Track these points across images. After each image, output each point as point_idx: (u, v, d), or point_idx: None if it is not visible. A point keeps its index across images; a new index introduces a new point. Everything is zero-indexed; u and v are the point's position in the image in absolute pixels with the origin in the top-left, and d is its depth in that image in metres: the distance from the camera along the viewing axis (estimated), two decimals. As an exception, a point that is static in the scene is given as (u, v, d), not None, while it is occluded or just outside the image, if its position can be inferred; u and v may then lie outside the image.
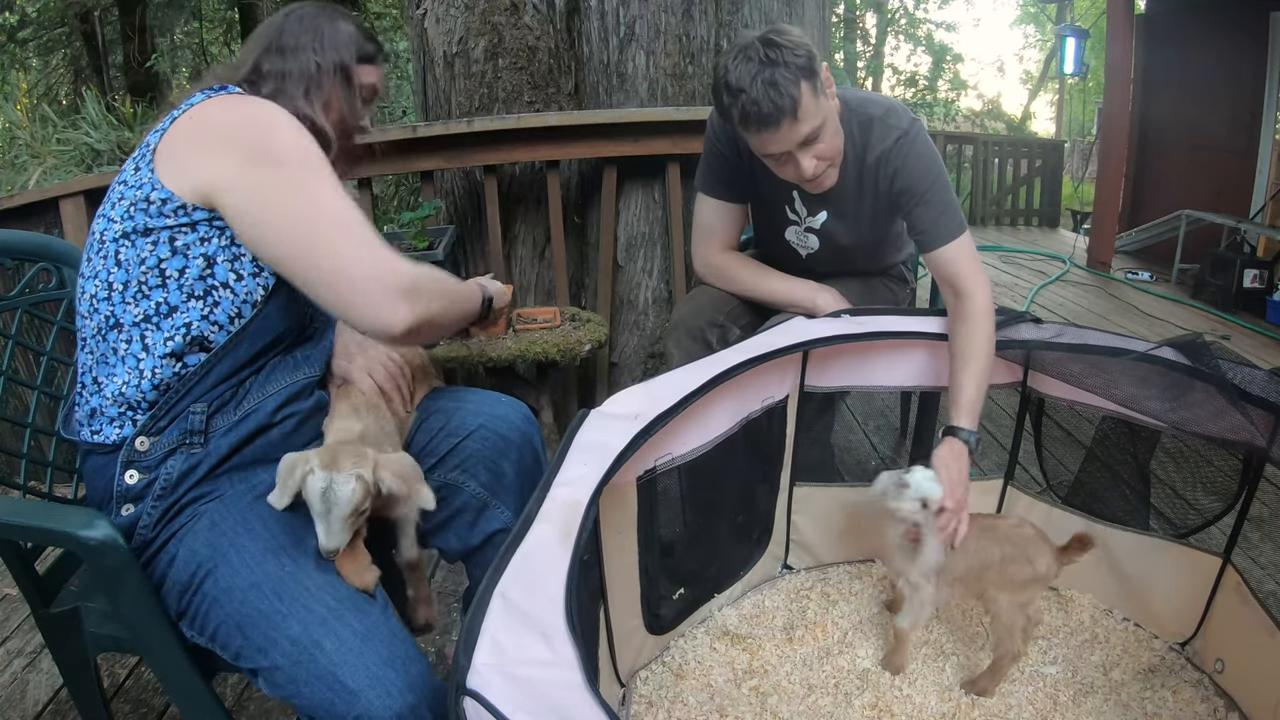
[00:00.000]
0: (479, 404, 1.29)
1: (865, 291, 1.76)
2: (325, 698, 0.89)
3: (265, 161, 0.98)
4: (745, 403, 1.46)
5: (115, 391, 1.00)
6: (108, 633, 1.09)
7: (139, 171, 1.01)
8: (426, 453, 1.23)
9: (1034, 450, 1.66)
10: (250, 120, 1.01)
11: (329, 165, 1.03)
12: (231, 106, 1.04)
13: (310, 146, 1.02)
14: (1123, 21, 5.71)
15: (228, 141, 0.99)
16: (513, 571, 0.82)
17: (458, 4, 2.51)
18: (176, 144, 1.00)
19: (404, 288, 0.99)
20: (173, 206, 0.98)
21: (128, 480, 0.99)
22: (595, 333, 2.25)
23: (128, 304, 1.00)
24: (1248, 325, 4.31)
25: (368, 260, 0.98)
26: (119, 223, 1.00)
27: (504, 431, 1.25)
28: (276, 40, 1.15)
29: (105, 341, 1.02)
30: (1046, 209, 8.48)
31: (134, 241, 1.00)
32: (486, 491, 1.22)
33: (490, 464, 1.23)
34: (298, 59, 1.14)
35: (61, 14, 8.29)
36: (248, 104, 1.04)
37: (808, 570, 1.70)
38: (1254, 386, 1.23)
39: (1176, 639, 1.46)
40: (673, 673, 1.42)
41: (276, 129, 1.00)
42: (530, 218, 2.68)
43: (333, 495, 0.95)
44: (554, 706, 0.67)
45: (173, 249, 0.99)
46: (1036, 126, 19.08)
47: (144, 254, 0.99)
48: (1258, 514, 1.84)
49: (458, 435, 1.24)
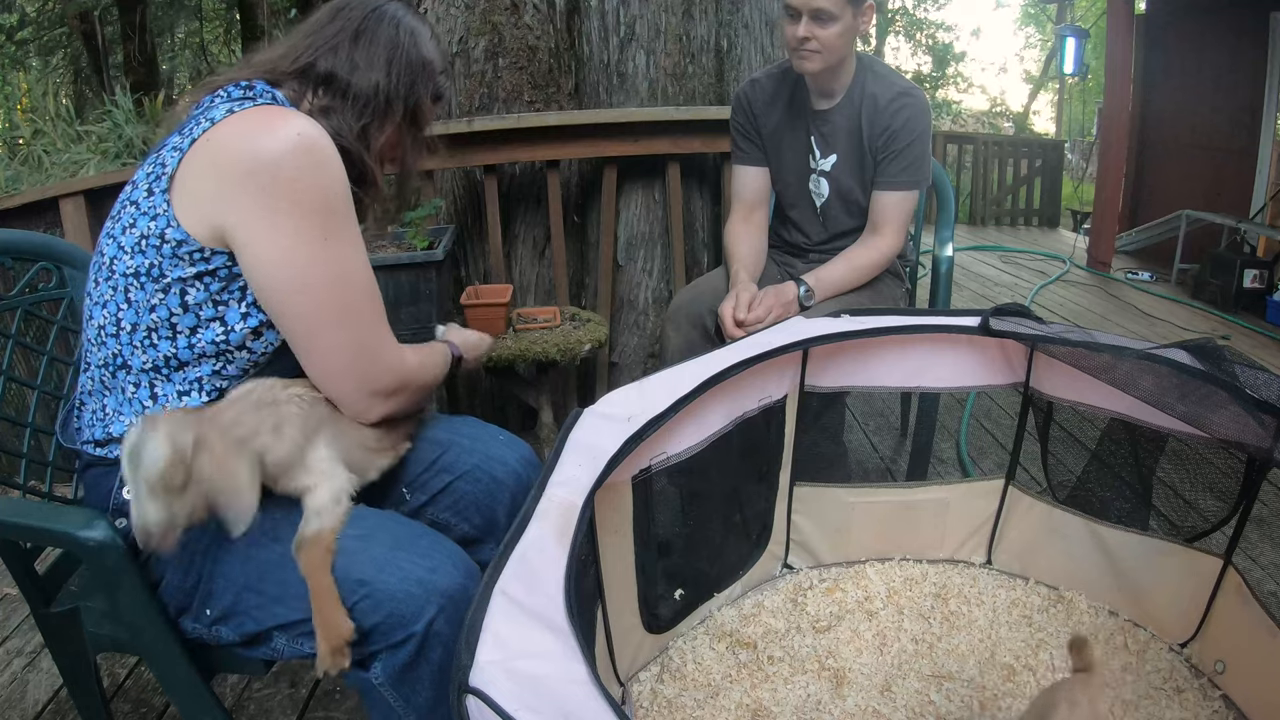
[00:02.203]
0: (475, 440, 1.22)
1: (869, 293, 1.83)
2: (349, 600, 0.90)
3: (289, 213, 0.88)
4: (742, 402, 1.46)
5: (121, 431, 0.97)
6: (107, 633, 1.09)
7: (153, 196, 0.92)
8: (417, 487, 1.18)
9: (1038, 453, 1.66)
10: (277, 160, 0.87)
11: (354, 218, 0.94)
12: (257, 130, 0.89)
13: (342, 199, 0.91)
14: (1123, 21, 5.71)
15: (248, 181, 0.87)
16: (511, 569, 0.82)
17: (458, 3, 2.51)
18: (195, 176, 0.90)
19: (384, 391, 1.00)
20: (188, 250, 0.90)
21: (125, 495, 0.96)
22: (595, 332, 2.25)
23: (136, 348, 0.95)
24: (1248, 325, 4.30)
25: (359, 359, 0.97)
26: (129, 255, 0.92)
27: (499, 475, 1.19)
28: (349, 40, 0.97)
29: (114, 378, 0.97)
30: (1046, 209, 8.47)
31: (143, 285, 0.92)
32: (477, 534, 1.19)
33: (484, 508, 1.18)
34: (368, 76, 0.97)
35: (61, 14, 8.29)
36: (278, 131, 0.88)
37: (808, 570, 1.70)
38: (1263, 390, 1.22)
39: (1177, 640, 1.46)
40: (672, 673, 1.42)
41: (306, 175, 0.88)
42: (530, 217, 2.67)
43: (138, 454, 0.84)
44: (558, 703, 0.67)
45: (184, 305, 0.93)
46: (1037, 126, 19.08)
47: (154, 300, 0.93)
48: (1258, 514, 1.83)
49: (451, 473, 1.18)
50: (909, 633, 1.51)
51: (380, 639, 0.93)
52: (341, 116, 0.97)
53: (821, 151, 1.82)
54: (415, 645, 0.92)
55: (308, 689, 1.55)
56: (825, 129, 1.80)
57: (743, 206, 1.92)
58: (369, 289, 0.98)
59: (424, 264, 2.08)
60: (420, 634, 0.92)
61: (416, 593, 0.92)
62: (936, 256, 2.09)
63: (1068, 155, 10.13)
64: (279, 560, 0.93)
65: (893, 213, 1.76)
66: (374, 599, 0.91)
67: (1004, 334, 1.48)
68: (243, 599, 0.95)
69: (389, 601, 0.91)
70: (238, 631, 0.97)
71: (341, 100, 0.98)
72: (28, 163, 5.44)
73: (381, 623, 0.92)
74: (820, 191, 1.86)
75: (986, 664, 1.43)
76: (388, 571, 0.93)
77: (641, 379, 1.27)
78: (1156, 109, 6.77)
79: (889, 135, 1.72)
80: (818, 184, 1.86)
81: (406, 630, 0.92)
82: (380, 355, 1.00)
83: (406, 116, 1.02)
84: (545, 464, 1.02)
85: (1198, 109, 6.17)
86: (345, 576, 0.92)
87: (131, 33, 7.96)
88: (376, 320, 0.99)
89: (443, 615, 0.92)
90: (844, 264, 1.78)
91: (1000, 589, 1.63)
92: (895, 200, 1.76)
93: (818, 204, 1.88)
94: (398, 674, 0.94)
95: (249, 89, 0.96)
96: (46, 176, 4.94)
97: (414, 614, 0.91)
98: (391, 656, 0.93)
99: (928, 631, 1.52)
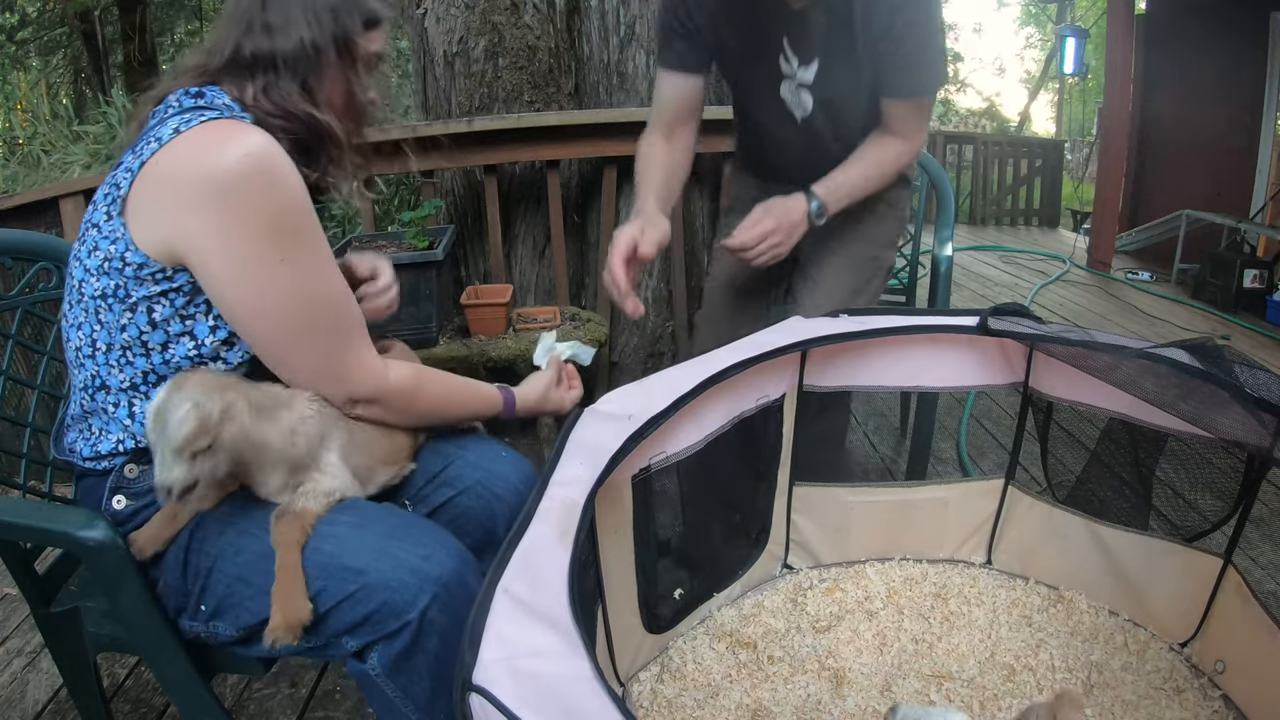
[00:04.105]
0: (479, 455, 1.21)
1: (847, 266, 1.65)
2: (342, 588, 0.91)
3: (242, 236, 0.87)
4: (740, 402, 1.46)
5: (110, 449, 0.98)
6: (107, 633, 1.09)
7: (111, 220, 0.92)
8: (419, 500, 1.18)
9: (1038, 453, 1.66)
10: (226, 182, 0.85)
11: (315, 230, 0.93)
12: (203, 151, 0.87)
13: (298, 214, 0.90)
14: (1123, 21, 5.71)
15: (197, 205, 0.86)
16: (514, 568, 0.82)
17: (458, 3, 2.51)
18: (146, 200, 0.89)
19: (358, 399, 1.01)
20: (149, 271, 0.90)
21: (115, 505, 0.98)
22: (595, 332, 2.25)
23: (112, 367, 0.95)
24: (1248, 325, 4.31)
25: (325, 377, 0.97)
26: (95, 278, 0.92)
27: (500, 492, 1.18)
28: (259, 10, 0.94)
29: (94, 400, 0.98)
30: (1046, 209, 8.47)
31: (111, 306, 0.92)
32: (476, 549, 1.16)
33: (484, 524, 1.18)
34: (288, 36, 0.94)
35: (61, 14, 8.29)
36: (226, 150, 0.86)
37: (808, 570, 1.70)
38: (1263, 390, 1.22)
39: (1177, 640, 1.46)
40: (672, 673, 1.42)
41: (255, 195, 0.86)
42: (530, 217, 2.68)
43: (164, 417, 0.85)
44: (562, 702, 0.67)
45: (151, 322, 0.93)
46: (1036, 126, 19.09)
47: (123, 320, 0.93)
48: (1258, 514, 1.84)
49: (453, 488, 1.18)
50: (909, 633, 1.51)
51: (375, 628, 0.93)
52: (280, 88, 0.95)
53: (800, 58, 1.49)
54: (410, 635, 0.92)
55: (308, 689, 1.55)
56: (800, 31, 1.45)
57: (664, 121, 1.61)
58: (334, 304, 0.96)
59: (424, 264, 2.08)
60: (415, 622, 0.92)
61: (410, 581, 0.92)
62: (936, 256, 2.09)
63: (1067, 155, 10.14)
64: (269, 550, 0.94)
65: (910, 122, 1.50)
66: (369, 588, 0.92)
67: (1003, 333, 1.48)
68: (236, 590, 0.96)
69: (383, 590, 0.92)
70: (235, 626, 0.98)
71: (275, 73, 0.95)
72: (25, 163, 5.45)
73: (376, 611, 0.92)
74: (801, 105, 1.55)
75: (986, 664, 1.43)
76: (382, 559, 0.93)
77: (641, 379, 1.27)
78: (1156, 109, 6.77)
79: (892, 34, 1.39)
80: (797, 96, 1.54)
81: (401, 619, 0.92)
82: (349, 373, 0.99)
83: (343, 56, 0.97)
84: (547, 463, 1.02)
85: (1198, 109, 6.17)
86: (339, 563, 0.93)
87: (131, 33, 7.96)
88: (345, 336, 0.98)
89: (437, 604, 0.92)
90: (860, 165, 1.50)
91: (1000, 589, 1.63)
92: (910, 109, 1.49)
93: (797, 116, 1.57)
94: (394, 664, 0.94)
95: (199, 96, 0.94)
96: (44, 177, 4.94)
97: (408, 602, 0.92)
98: (387, 646, 0.93)
99: (928, 631, 1.52)
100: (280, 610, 0.90)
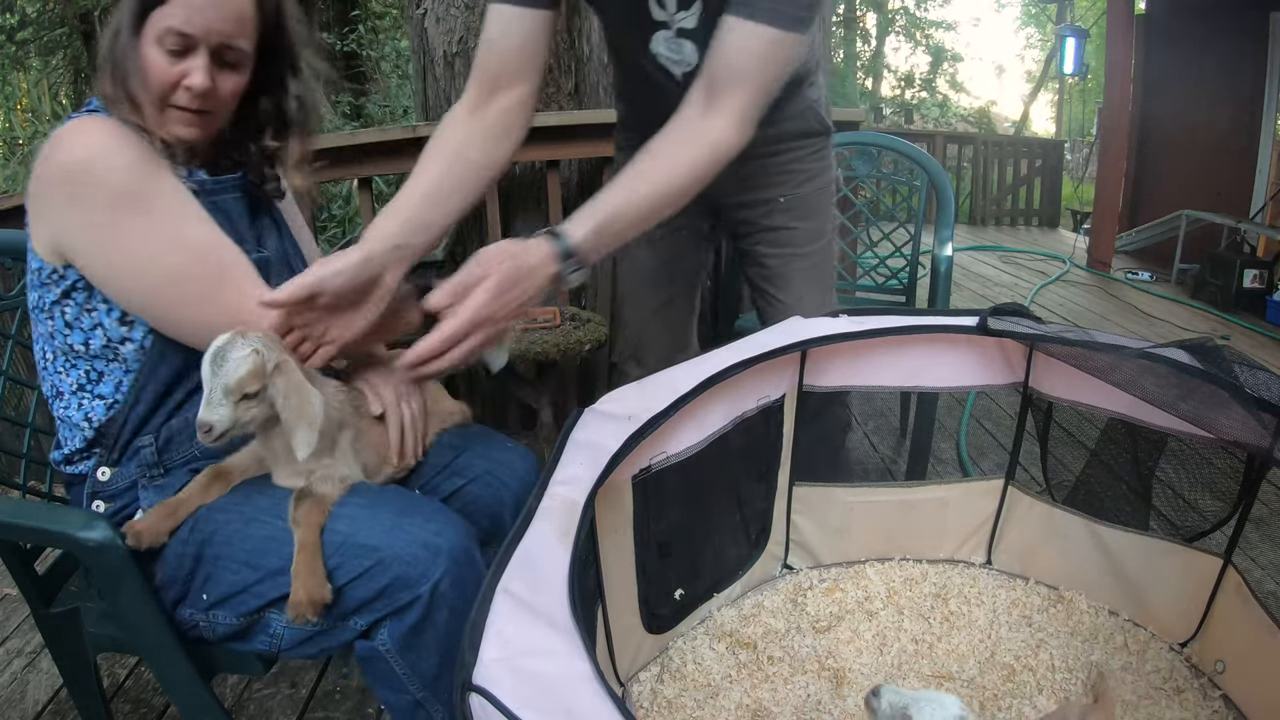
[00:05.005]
0: (487, 446, 1.26)
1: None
2: (358, 565, 0.93)
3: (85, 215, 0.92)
4: (740, 402, 1.46)
5: (73, 450, 1.04)
6: (107, 633, 1.09)
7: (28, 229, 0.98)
8: (430, 490, 1.21)
9: (1038, 453, 1.66)
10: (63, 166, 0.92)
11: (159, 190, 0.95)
12: (50, 149, 0.94)
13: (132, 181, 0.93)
14: (1123, 21, 5.72)
15: (49, 197, 0.94)
16: (514, 567, 0.82)
17: (458, 3, 2.51)
18: (31, 205, 0.96)
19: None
20: (47, 274, 0.97)
21: (92, 507, 1.02)
22: (595, 332, 2.25)
23: (60, 374, 1.02)
24: (1248, 325, 4.31)
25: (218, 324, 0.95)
26: (31, 292, 1.01)
27: (507, 480, 1.23)
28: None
29: (55, 407, 1.04)
30: (1046, 209, 8.49)
31: (39, 318, 1.00)
32: (483, 538, 1.20)
33: (492, 512, 1.22)
34: (109, 33, 0.97)
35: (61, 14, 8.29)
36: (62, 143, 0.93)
37: (808, 570, 1.70)
38: (1263, 390, 1.22)
39: (1177, 640, 1.46)
40: (672, 673, 1.42)
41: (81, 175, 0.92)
42: (530, 217, 2.67)
43: (223, 356, 0.88)
44: (562, 701, 0.67)
45: (68, 324, 0.99)
46: (1036, 126, 19.10)
47: (51, 330, 1.00)
48: (1258, 514, 1.84)
49: (463, 477, 1.22)
50: (909, 633, 1.51)
51: (387, 603, 0.95)
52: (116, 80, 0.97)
53: (679, 2, 1.18)
54: (422, 608, 0.94)
55: (308, 689, 1.55)
56: None
57: (483, 77, 1.17)
58: (195, 247, 0.97)
59: (424, 264, 2.08)
60: (426, 596, 0.94)
61: (423, 555, 0.94)
62: (936, 256, 2.09)
63: (1067, 155, 10.14)
64: (285, 535, 0.95)
65: (751, 64, 1.04)
66: (383, 563, 0.94)
67: (1002, 333, 1.48)
68: (242, 575, 0.97)
69: (396, 564, 0.94)
70: (236, 613, 0.99)
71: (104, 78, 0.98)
72: (25, 163, 5.45)
73: (389, 585, 0.94)
74: (683, 57, 1.23)
75: (986, 664, 1.43)
76: (395, 535, 0.95)
77: (641, 379, 1.27)
78: (1156, 109, 6.78)
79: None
80: (674, 47, 1.22)
81: (414, 592, 0.94)
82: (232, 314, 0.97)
83: (136, 34, 0.96)
84: (547, 463, 1.02)
85: (1198, 109, 6.18)
86: (354, 542, 0.95)
87: (131, 33, 7.96)
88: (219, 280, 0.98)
89: (448, 577, 0.95)
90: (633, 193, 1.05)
91: (1000, 589, 1.63)
92: (759, 40, 1.03)
93: (677, 74, 1.24)
94: (404, 639, 0.96)
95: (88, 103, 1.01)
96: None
97: (420, 575, 0.94)
98: (398, 621, 0.95)
99: (928, 631, 1.52)
100: (303, 586, 0.92)
